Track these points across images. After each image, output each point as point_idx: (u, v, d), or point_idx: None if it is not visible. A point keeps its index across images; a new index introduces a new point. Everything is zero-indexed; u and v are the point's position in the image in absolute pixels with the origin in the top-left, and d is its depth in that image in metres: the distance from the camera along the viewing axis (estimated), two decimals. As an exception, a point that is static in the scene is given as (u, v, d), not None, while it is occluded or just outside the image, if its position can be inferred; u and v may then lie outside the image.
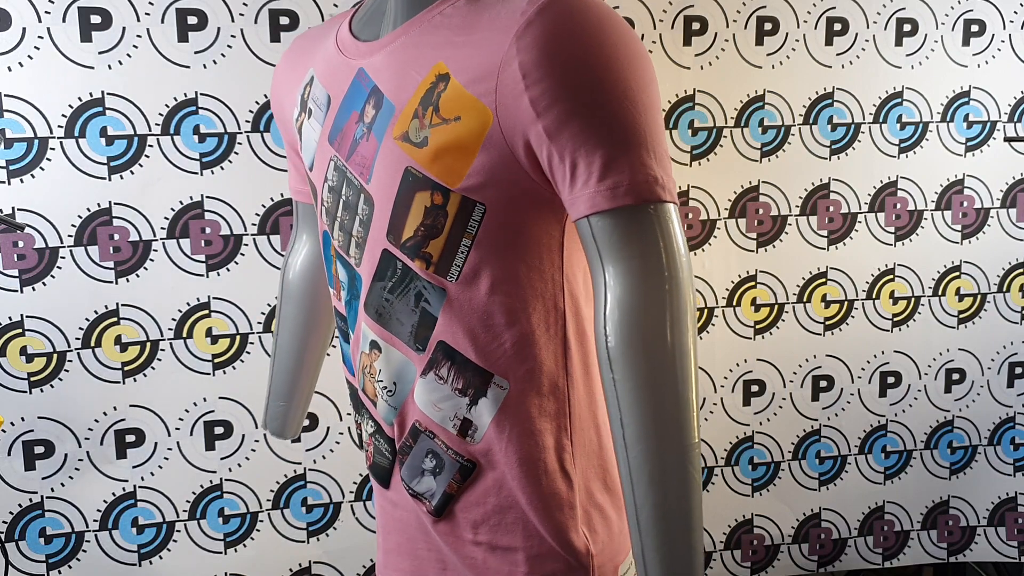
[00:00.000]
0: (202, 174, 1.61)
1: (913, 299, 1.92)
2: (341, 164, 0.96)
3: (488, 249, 0.89)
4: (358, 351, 1.00)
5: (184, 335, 1.65)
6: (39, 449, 1.63)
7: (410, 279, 0.91)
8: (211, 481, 1.72)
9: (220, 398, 1.69)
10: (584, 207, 0.82)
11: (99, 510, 1.68)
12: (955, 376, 1.96)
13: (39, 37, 1.50)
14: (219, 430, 1.70)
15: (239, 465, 1.72)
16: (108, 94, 1.55)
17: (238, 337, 1.67)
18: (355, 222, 0.95)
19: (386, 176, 0.90)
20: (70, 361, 1.61)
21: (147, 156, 1.58)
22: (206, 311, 1.66)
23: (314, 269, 1.31)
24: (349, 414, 1.74)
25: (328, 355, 1.71)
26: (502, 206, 0.87)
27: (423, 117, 0.87)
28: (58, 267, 1.58)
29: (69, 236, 1.58)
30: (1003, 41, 1.83)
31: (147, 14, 1.54)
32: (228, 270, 1.65)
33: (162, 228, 1.61)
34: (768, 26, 1.75)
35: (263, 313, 1.68)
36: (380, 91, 0.92)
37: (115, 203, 1.59)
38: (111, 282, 1.61)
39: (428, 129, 0.86)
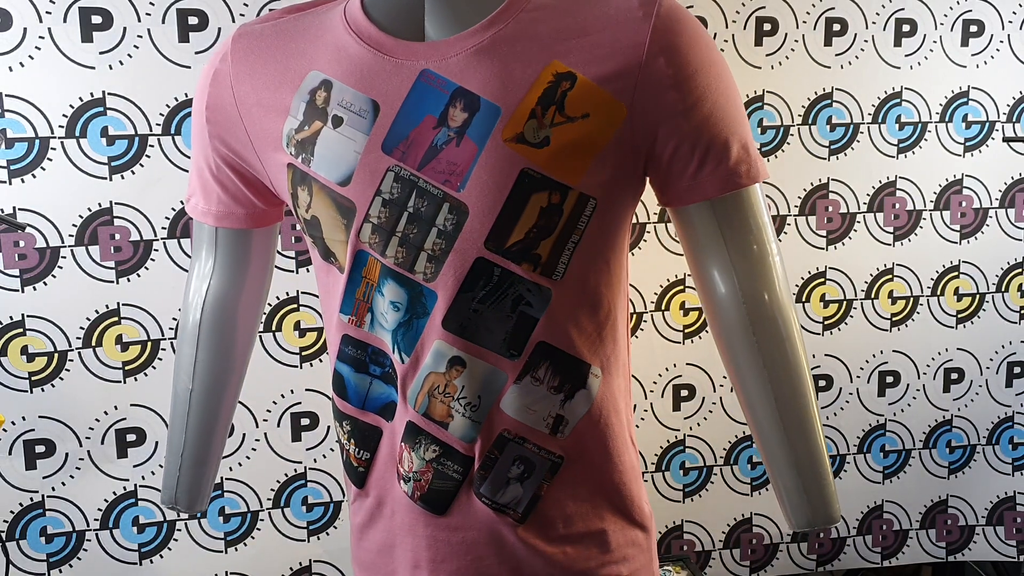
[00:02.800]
0: (203, 174, 1.61)
1: (912, 299, 1.92)
2: (408, 174, 0.89)
3: (590, 242, 0.91)
4: (415, 375, 0.93)
5: (185, 334, 1.65)
6: (40, 448, 1.63)
7: (508, 284, 0.89)
8: (212, 480, 1.72)
9: (221, 397, 1.69)
10: (713, 189, 0.92)
11: (100, 509, 1.68)
12: (954, 376, 1.97)
13: (40, 37, 1.51)
14: (219, 429, 1.70)
15: (240, 464, 1.72)
16: (109, 94, 1.55)
17: (238, 336, 1.67)
18: (430, 234, 0.89)
19: (491, 181, 0.87)
20: (71, 360, 1.61)
21: (148, 156, 1.58)
22: (207, 311, 1.66)
23: (228, 304, 1.15)
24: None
25: (321, 361, 1.72)
26: (608, 198, 0.91)
27: (542, 116, 0.87)
28: (59, 267, 1.58)
29: (70, 236, 1.58)
30: (1002, 41, 1.84)
31: (148, 14, 1.54)
32: (229, 270, 1.65)
33: (163, 228, 1.62)
34: (767, 26, 1.75)
35: (264, 313, 1.68)
36: (472, 93, 0.87)
37: (116, 203, 1.59)
38: (112, 282, 1.61)
39: (549, 128, 0.87)
